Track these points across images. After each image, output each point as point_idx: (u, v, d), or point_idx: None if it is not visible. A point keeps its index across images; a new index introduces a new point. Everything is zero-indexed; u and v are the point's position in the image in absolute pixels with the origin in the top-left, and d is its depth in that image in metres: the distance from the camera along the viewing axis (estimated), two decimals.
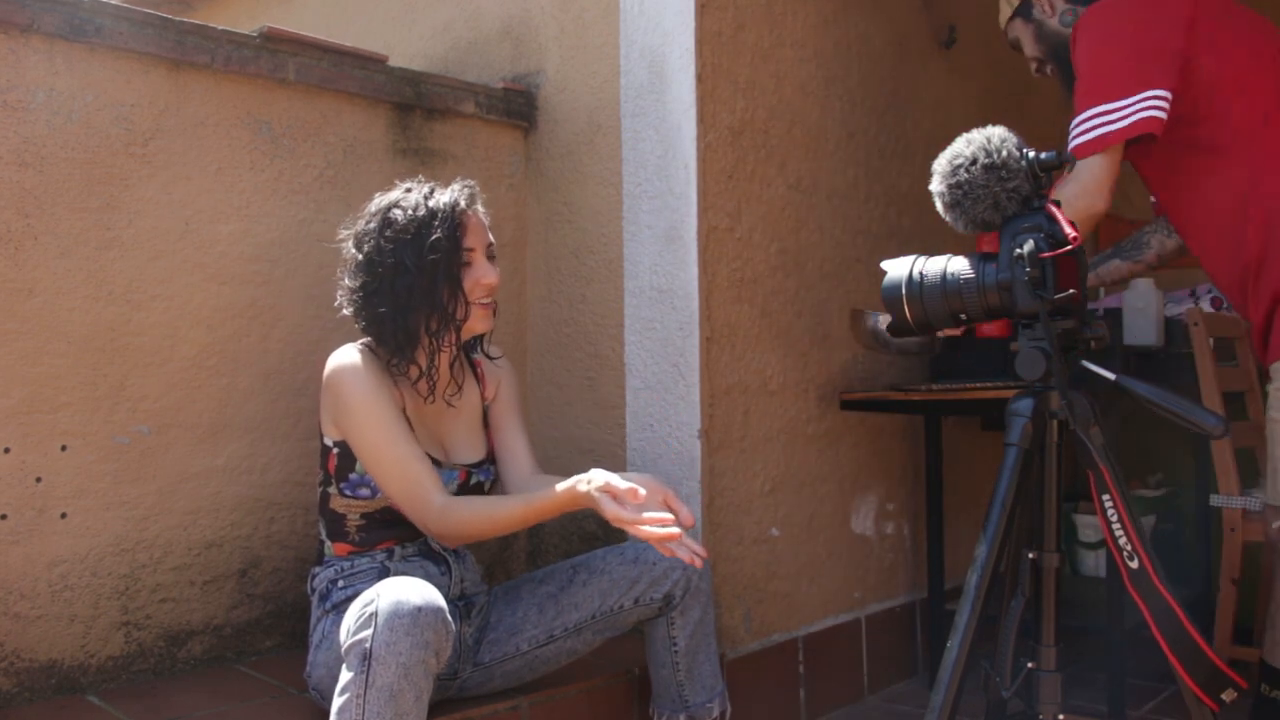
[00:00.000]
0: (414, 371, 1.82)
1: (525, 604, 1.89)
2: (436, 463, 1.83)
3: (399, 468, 1.73)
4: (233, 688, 1.95)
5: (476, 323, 1.84)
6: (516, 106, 2.57)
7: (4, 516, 1.84)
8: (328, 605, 1.79)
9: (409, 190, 1.83)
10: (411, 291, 1.76)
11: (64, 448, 1.90)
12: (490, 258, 1.86)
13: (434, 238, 1.75)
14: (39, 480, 1.87)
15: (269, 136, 2.17)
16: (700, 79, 2.28)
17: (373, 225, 1.80)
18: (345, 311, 1.85)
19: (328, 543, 1.86)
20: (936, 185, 1.53)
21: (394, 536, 1.83)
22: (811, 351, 2.56)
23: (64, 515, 1.90)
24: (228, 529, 2.11)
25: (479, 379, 1.98)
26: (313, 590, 1.85)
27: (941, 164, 1.53)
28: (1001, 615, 1.55)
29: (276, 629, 2.18)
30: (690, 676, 1.88)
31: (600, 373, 2.47)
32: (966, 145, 1.51)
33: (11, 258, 1.85)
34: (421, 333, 1.79)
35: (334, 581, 1.81)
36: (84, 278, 1.93)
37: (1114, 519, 1.49)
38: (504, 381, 2.01)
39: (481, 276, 1.81)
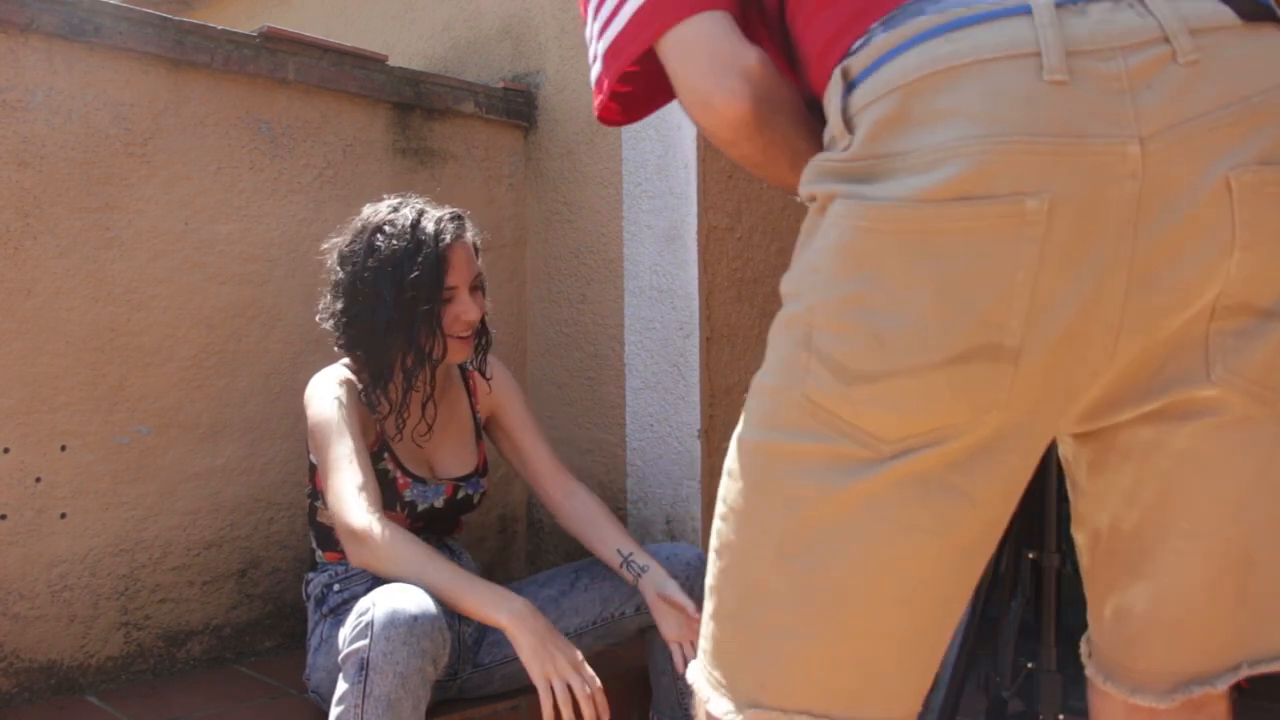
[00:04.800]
0: (384, 406, 1.78)
1: None
2: (422, 480, 1.82)
3: (334, 488, 1.66)
4: (232, 688, 1.94)
5: (453, 355, 1.80)
6: (516, 106, 2.57)
7: (3, 517, 1.84)
8: (325, 609, 1.79)
9: (396, 209, 1.77)
10: (389, 327, 1.71)
11: (64, 448, 1.90)
12: (475, 289, 1.80)
13: (414, 275, 1.69)
14: (38, 480, 1.87)
15: (269, 136, 2.17)
16: None
17: (358, 247, 1.74)
18: (324, 327, 1.82)
19: (319, 550, 1.86)
20: None
21: None
22: None
23: (63, 515, 1.90)
24: (227, 529, 2.11)
25: (470, 391, 1.96)
26: (308, 596, 1.84)
27: None
28: (1001, 615, 1.55)
29: (276, 629, 2.18)
30: None
31: (600, 373, 2.47)
32: None
33: (11, 258, 1.84)
34: (396, 369, 1.74)
35: (329, 586, 1.81)
36: (83, 278, 1.92)
37: None
38: (505, 395, 1.97)
39: (462, 313, 1.76)
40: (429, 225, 1.73)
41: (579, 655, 1.57)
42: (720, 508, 0.95)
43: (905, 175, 0.79)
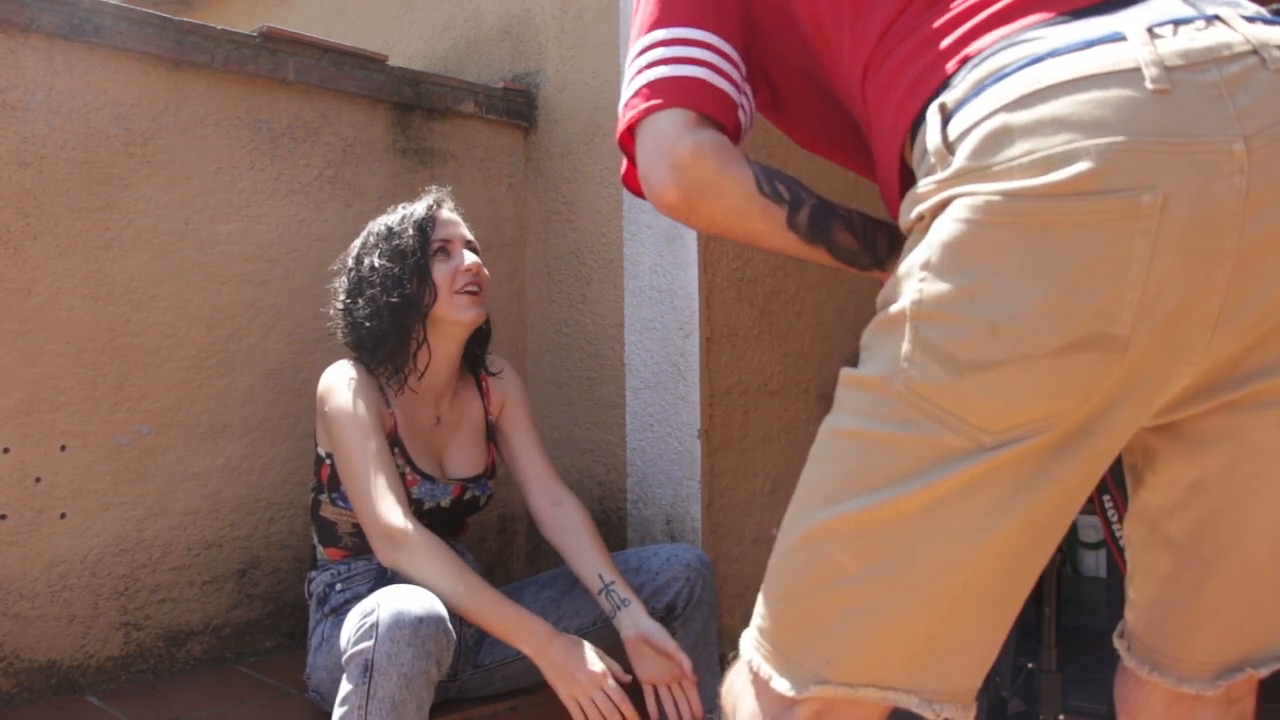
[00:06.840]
0: (396, 366, 1.81)
1: (527, 607, 1.88)
2: (431, 478, 1.82)
3: (362, 484, 1.69)
4: (232, 688, 1.94)
5: (461, 311, 1.80)
6: (516, 106, 2.57)
7: (3, 517, 1.84)
8: (326, 609, 1.79)
9: (391, 211, 1.87)
10: (385, 286, 1.77)
11: (64, 448, 1.90)
12: (470, 249, 1.86)
13: (404, 231, 1.80)
14: (38, 480, 1.87)
15: (269, 136, 2.17)
16: None
17: (357, 243, 1.87)
18: (337, 334, 1.86)
19: (320, 548, 1.86)
20: None
21: None
22: (811, 351, 2.56)
23: (63, 515, 1.90)
24: (227, 529, 2.11)
25: (483, 393, 1.97)
26: (310, 594, 1.84)
27: None
28: None
29: (276, 629, 2.18)
30: None
31: (600, 373, 2.47)
32: None
33: (11, 258, 1.84)
34: (400, 326, 1.78)
35: (331, 585, 1.81)
36: (84, 278, 1.92)
37: (1114, 519, 1.49)
38: (511, 398, 1.98)
39: (460, 264, 1.81)
40: (417, 202, 1.86)
41: (598, 671, 1.65)
42: (799, 491, 0.97)
43: (1019, 176, 0.83)
